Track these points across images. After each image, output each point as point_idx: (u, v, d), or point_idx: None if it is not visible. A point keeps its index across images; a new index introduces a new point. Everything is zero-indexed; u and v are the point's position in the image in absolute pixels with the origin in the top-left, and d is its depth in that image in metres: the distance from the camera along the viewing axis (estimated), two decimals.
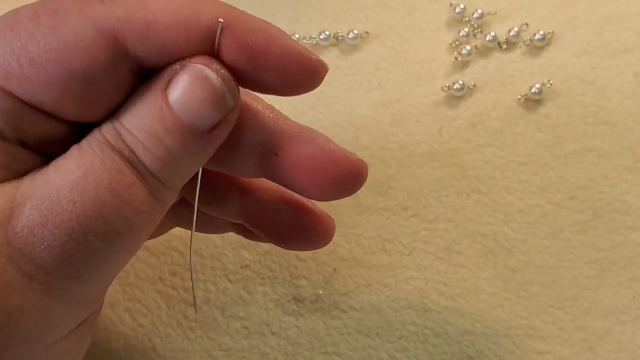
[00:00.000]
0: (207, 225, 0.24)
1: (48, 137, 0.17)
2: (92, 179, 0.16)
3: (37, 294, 0.15)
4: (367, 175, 0.19)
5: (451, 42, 0.31)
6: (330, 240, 0.22)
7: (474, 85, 0.30)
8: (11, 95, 0.16)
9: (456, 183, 0.28)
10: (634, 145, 0.28)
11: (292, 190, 0.20)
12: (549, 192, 0.28)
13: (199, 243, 0.27)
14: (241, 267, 0.27)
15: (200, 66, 0.17)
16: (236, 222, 0.22)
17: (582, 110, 0.29)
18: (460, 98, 0.30)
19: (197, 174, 0.19)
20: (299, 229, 0.22)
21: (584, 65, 0.30)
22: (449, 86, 0.30)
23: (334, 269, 0.27)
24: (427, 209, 0.28)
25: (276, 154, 0.19)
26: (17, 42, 0.16)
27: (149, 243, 0.27)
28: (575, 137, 0.29)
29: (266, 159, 0.19)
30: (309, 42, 0.31)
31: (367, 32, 0.31)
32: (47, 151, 0.17)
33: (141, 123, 0.16)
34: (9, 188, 0.16)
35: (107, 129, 0.17)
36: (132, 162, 0.16)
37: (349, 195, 0.19)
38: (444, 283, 0.26)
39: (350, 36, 0.31)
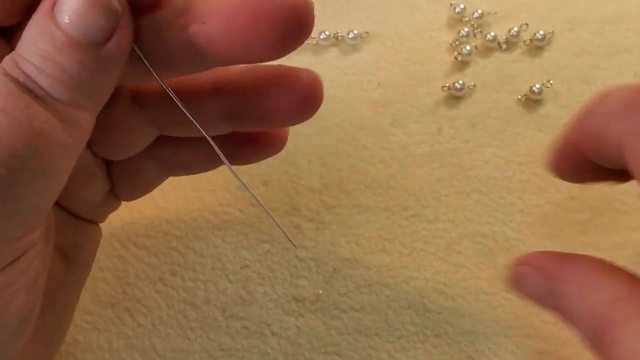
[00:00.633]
0: (194, 162, 0.23)
1: None
2: None
3: None
4: (312, 14, 0.17)
5: (451, 42, 0.31)
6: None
7: (474, 85, 0.30)
8: None
9: (456, 183, 0.28)
10: None
11: (228, 60, 0.18)
12: (549, 192, 0.28)
13: (199, 243, 0.27)
14: (241, 267, 0.27)
15: None
16: (225, 132, 0.21)
17: None
18: (460, 98, 0.30)
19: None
20: (288, 94, 0.21)
21: (584, 65, 0.31)
22: (449, 86, 0.30)
23: (334, 269, 0.27)
24: (427, 209, 0.28)
25: (204, 22, 0.17)
26: None
27: (149, 243, 0.27)
28: None
29: (194, 30, 0.17)
30: (309, 42, 0.31)
31: (367, 32, 0.31)
32: None
33: (34, 47, 0.16)
34: None
35: (6, 61, 0.16)
36: (30, 87, 0.16)
37: (301, 42, 0.18)
38: (444, 283, 0.26)
39: (350, 36, 0.31)
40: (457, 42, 0.31)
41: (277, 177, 0.28)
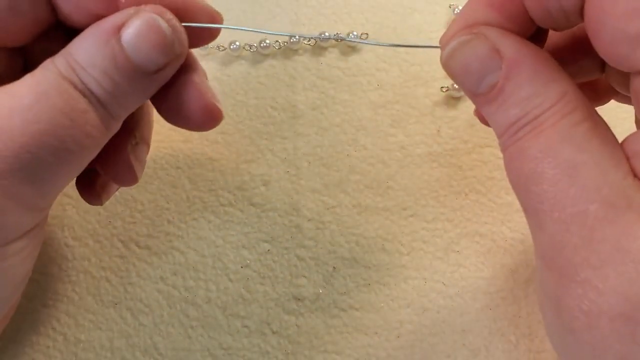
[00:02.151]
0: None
1: None
2: (45, 103, 0.18)
3: None
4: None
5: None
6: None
7: None
8: None
9: (455, 183, 0.28)
10: None
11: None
12: None
13: (200, 242, 0.27)
14: (242, 267, 0.27)
15: (154, 15, 0.19)
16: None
17: None
18: (459, 99, 0.30)
19: None
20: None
21: None
22: (448, 87, 0.30)
23: (334, 268, 0.27)
24: (426, 209, 0.28)
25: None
26: None
27: (150, 242, 0.27)
28: None
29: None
30: (309, 43, 0.31)
31: (367, 34, 0.31)
32: None
33: (94, 60, 0.19)
34: None
35: (60, 62, 0.19)
36: (84, 93, 0.19)
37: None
38: (442, 282, 0.26)
39: (349, 37, 0.31)
40: None
41: (277, 177, 0.28)
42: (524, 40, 0.18)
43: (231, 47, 0.31)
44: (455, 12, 0.31)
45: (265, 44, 0.31)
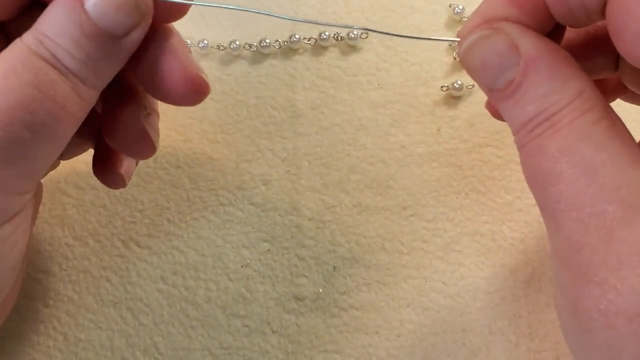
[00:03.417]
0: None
1: None
2: (13, 78, 0.18)
3: None
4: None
5: (450, 43, 0.31)
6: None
7: (473, 86, 0.30)
8: None
9: (455, 183, 0.28)
10: None
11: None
12: None
13: (200, 242, 0.27)
14: (242, 266, 0.27)
15: None
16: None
17: None
18: (459, 98, 0.30)
19: None
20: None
21: None
22: (448, 86, 0.30)
23: (334, 267, 0.27)
24: (426, 209, 0.28)
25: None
26: None
27: (151, 242, 0.27)
28: None
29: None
30: (309, 42, 0.31)
31: (367, 33, 0.31)
32: None
33: (61, 30, 0.19)
34: None
35: (28, 38, 0.19)
36: (54, 64, 0.19)
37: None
38: (442, 282, 0.26)
39: (350, 37, 0.31)
40: (456, 43, 0.31)
41: (278, 176, 0.28)
42: (543, 37, 0.18)
43: (231, 46, 0.31)
44: (456, 11, 0.31)
45: (265, 44, 0.31)
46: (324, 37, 0.31)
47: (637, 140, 0.18)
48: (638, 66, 0.16)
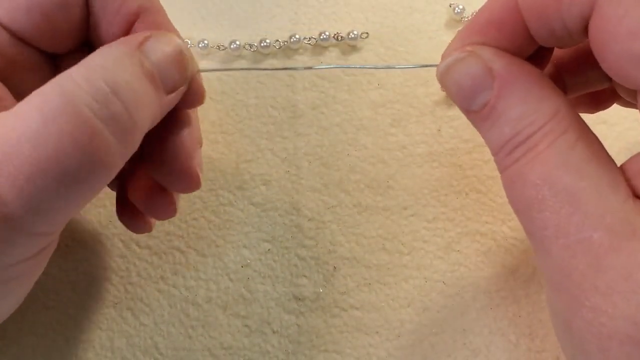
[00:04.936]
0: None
1: (18, 64, 0.20)
2: (53, 127, 0.16)
3: (0, 225, 0.17)
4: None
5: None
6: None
7: None
8: None
9: (455, 183, 0.28)
10: (632, 145, 0.28)
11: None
12: None
13: (200, 242, 0.27)
14: (242, 266, 0.27)
15: (170, 34, 0.20)
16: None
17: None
18: None
19: None
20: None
21: None
22: None
23: (334, 267, 0.27)
24: (426, 209, 0.28)
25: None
26: None
27: (151, 242, 0.27)
28: None
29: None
30: (309, 42, 0.31)
31: (367, 33, 0.31)
32: (15, 80, 0.19)
33: (116, 69, 0.18)
34: None
35: (77, 75, 0.17)
36: (99, 111, 0.17)
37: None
38: (443, 282, 0.26)
39: (350, 37, 0.31)
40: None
41: (278, 176, 0.28)
42: (517, 59, 0.18)
43: (231, 46, 0.31)
44: (456, 11, 0.31)
45: (265, 44, 0.31)
46: (324, 37, 0.31)
47: (636, 140, 0.18)
48: (623, 83, 0.17)
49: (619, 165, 0.18)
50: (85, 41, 0.22)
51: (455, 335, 0.25)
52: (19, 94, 0.19)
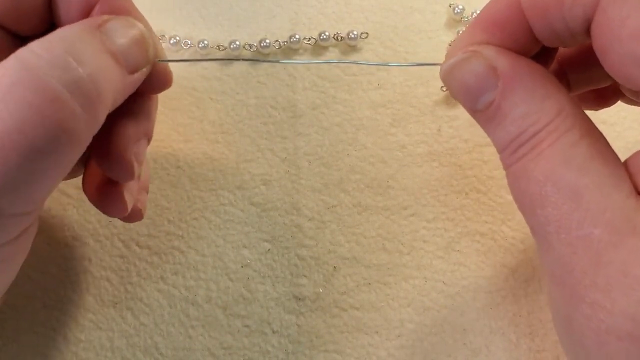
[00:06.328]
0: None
1: None
2: (12, 97, 0.16)
3: None
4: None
5: (450, 42, 0.31)
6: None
7: None
8: None
9: (455, 182, 0.28)
10: (632, 144, 0.28)
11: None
12: None
13: (200, 242, 0.27)
14: (242, 266, 0.27)
15: (130, 18, 0.20)
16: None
17: None
18: None
19: None
20: None
21: None
22: None
23: (334, 267, 0.27)
24: (426, 208, 0.28)
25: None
26: None
27: (151, 242, 0.27)
28: None
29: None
30: (309, 42, 0.31)
31: (367, 33, 0.31)
32: None
33: (76, 43, 0.18)
34: None
35: (35, 46, 0.17)
36: (62, 80, 0.17)
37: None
38: (443, 282, 0.26)
39: (350, 37, 0.31)
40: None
41: (278, 176, 0.28)
42: (521, 58, 0.18)
43: (231, 46, 0.31)
44: (456, 11, 0.31)
45: (265, 44, 0.31)
46: (324, 37, 0.31)
47: (636, 139, 0.18)
48: (625, 84, 0.17)
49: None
50: (50, 25, 0.21)
51: (456, 334, 0.25)
52: None
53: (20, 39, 0.21)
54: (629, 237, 0.16)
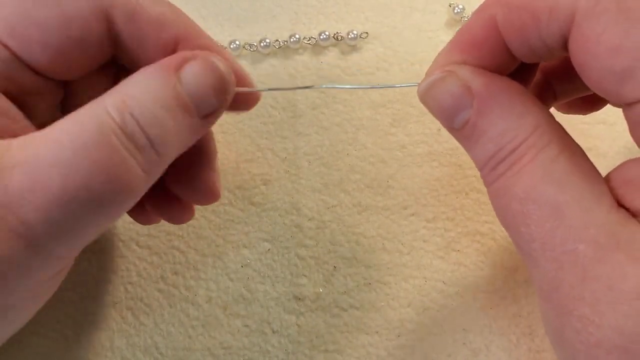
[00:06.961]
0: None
1: (31, 91, 0.19)
2: (84, 156, 0.17)
3: (22, 249, 0.17)
4: None
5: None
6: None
7: None
8: (9, 50, 0.18)
9: (455, 182, 0.28)
10: (631, 144, 0.28)
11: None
12: None
13: (200, 242, 0.27)
14: (242, 266, 0.27)
15: (212, 57, 0.19)
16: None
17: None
18: None
19: None
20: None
21: None
22: None
23: (334, 267, 0.27)
24: (426, 208, 0.28)
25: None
26: (25, 5, 0.18)
27: (151, 242, 0.27)
28: (573, 137, 0.29)
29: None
30: (309, 42, 0.31)
31: (367, 33, 0.31)
32: (26, 104, 0.19)
33: (151, 98, 0.18)
34: None
35: (111, 102, 0.17)
36: (128, 140, 0.18)
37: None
38: (443, 281, 0.26)
39: (349, 36, 0.31)
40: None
41: (278, 176, 0.28)
42: (496, 76, 0.19)
43: (231, 46, 0.31)
44: (455, 11, 0.31)
45: (265, 44, 0.31)
46: (324, 37, 0.31)
47: (631, 139, 0.18)
48: (606, 98, 0.17)
49: (604, 174, 0.18)
50: (99, 66, 0.21)
51: (455, 334, 0.25)
52: (29, 117, 0.19)
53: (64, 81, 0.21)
54: (613, 252, 0.16)
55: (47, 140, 0.17)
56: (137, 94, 0.18)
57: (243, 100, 0.22)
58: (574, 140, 0.18)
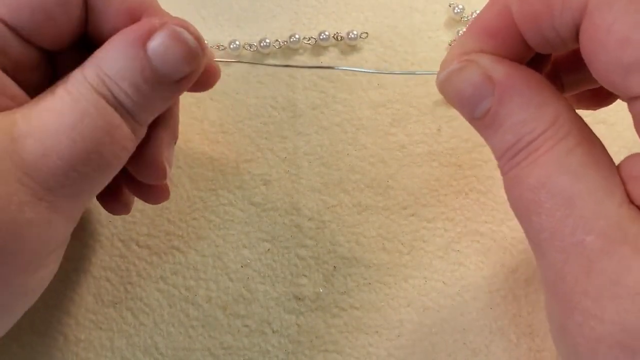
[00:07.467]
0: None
1: (24, 65, 0.20)
2: (88, 122, 0.19)
3: (43, 210, 0.19)
4: None
5: (450, 42, 0.31)
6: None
7: None
8: (1, 20, 0.19)
9: (455, 182, 0.28)
10: (631, 144, 0.28)
11: None
12: None
13: (200, 242, 0.27)
14: (242, 266, 0.27)
15: (177, 27, 0.20)
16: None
17: (579, 110, 0.29)
18: None
19: None
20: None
21: None
22: None
23: (334, 267, 0.27)
24: (426, 208, 0.28)
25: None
26: None
27: (151, 242, 0.27)
28: None
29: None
30: (309, 42, 0.31)
31: (367, 33, 0.31)
32: (19, 78, 0.20)
33: (123, 72, 0.19)
34: (1, 120, 0.18)
35: (91, 76, 0.19)
36: (116, 106, 0.20)
37: None
38: (443, 281, 0.26)
39: (350, 36, 0.31)
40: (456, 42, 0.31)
41: (278, 176, 0.28)
42: (517, 65, 0.19)
43: (231, 46, 0.31)
44: (455, 11, 0.31)
45: (265, 44, 0.31)
46: (324, 37, 0.31)
47: (635, 139, 0.18)
48: (613, 91, 0.17)
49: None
50: (79, 39, 0.22)
51: (456, 334, 0.25)
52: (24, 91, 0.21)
53: (50, 54, 0.22)
54: (621, 245, 0.16)
55: (49, 110, 0.19)
56: (110, 72, 0.19)
57: (204, 78, 0.23)
58: (592, 132, 0.18)
